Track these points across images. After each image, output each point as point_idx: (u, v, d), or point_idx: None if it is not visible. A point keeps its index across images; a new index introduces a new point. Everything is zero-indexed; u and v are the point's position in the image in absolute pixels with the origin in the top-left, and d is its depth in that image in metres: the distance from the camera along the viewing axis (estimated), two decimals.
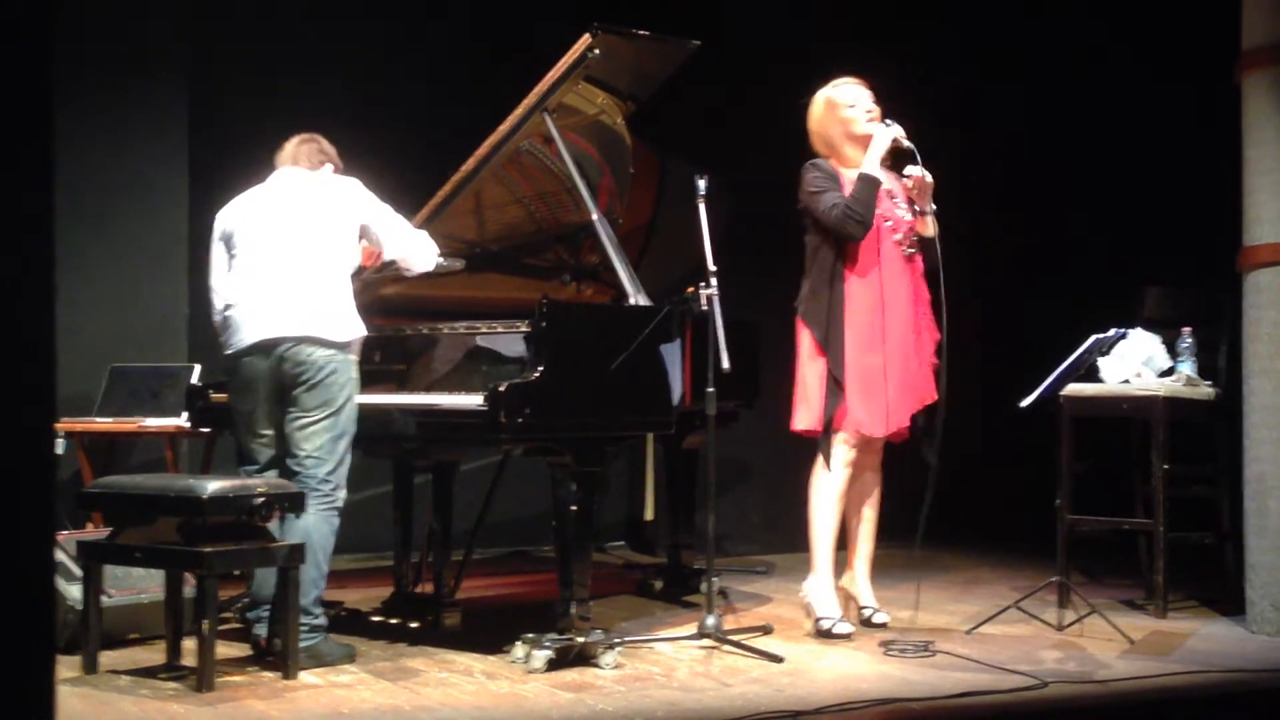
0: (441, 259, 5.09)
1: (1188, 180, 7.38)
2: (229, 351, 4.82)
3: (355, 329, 4.78)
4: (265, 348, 4.72)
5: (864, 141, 5.34)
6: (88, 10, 6.47)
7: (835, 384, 5.21)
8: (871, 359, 5.23)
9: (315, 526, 4.62)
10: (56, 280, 1.52)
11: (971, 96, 8.14)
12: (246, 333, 4.74)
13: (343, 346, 4.72)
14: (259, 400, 4.79)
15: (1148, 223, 7.77)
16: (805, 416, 5.32)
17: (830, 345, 5.22)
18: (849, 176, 5.30)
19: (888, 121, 5.33)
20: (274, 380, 4.73)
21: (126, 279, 6.60)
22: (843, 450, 5.27)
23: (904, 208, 5.37)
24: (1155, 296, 6.35)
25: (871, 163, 5.27)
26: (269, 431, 4.80)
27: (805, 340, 5.31)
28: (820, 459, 5.31)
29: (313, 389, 4.67)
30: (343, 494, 4.78)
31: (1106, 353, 5.71)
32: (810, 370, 5.29)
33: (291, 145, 5.02)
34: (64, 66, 1.53)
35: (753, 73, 7.36)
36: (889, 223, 5.30)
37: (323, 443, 4.70)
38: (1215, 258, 5.81)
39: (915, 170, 5.30)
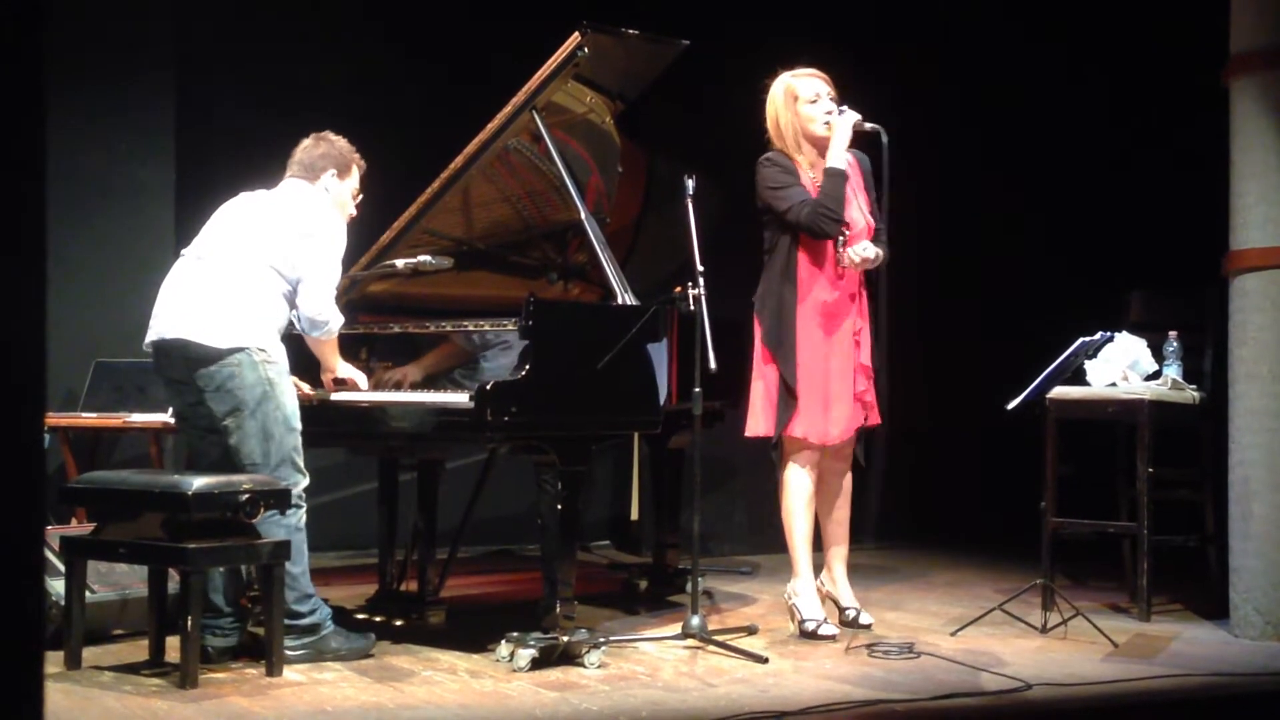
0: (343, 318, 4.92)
1: (1174, 184, 7.40)
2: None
3: (242, 337, 4.62)
4: (159, 349, 4.74)
5: (818, 142, 5.30)
6: (76, 8, 6.45)
7: (787, 390, 5.20)
8: (821, 363, 5.22)
9: (265, 529, 4.57)
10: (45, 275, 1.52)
11: (957, 97, 8.14)
12: (149, 334, 4.76)
13: (232, 351, 4.61)
14: (180, 398, 4.80)
15: (1134, 226, 7.79)
16: (757, 422, 5.31)
17: (782, 350, 5.20)
18: (804, 169, 5.28)
19: (842, 109, 5.27)
20: (182, 382, 4.72)
21: (112, 274, 6.59)
22: (801, 456, 5.26)
23: (851, 207, 5.29)
24: (1141, 300, 6.37)
25: (836, 157, 5.22)
26: (202, 426, 4.78)
27: (758, 340, 5.31)
28: (785, 464, 5.30)
29: (216, 395, 4.63)
30: (296, 488, 4.65)
31: (1093, 356, 5.72)
32: (760, 373, 5.30)
33: (298, 150, 5.02)
34: (51, 63, 1.52)
35: (739, 71, 7.36)
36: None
37: (251, 447, 4.62)
38: (1202, 262, 5.82)
39: (857, 255, 5.19)
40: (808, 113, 5.29)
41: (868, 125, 5.22)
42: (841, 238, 5.23)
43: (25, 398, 1.51)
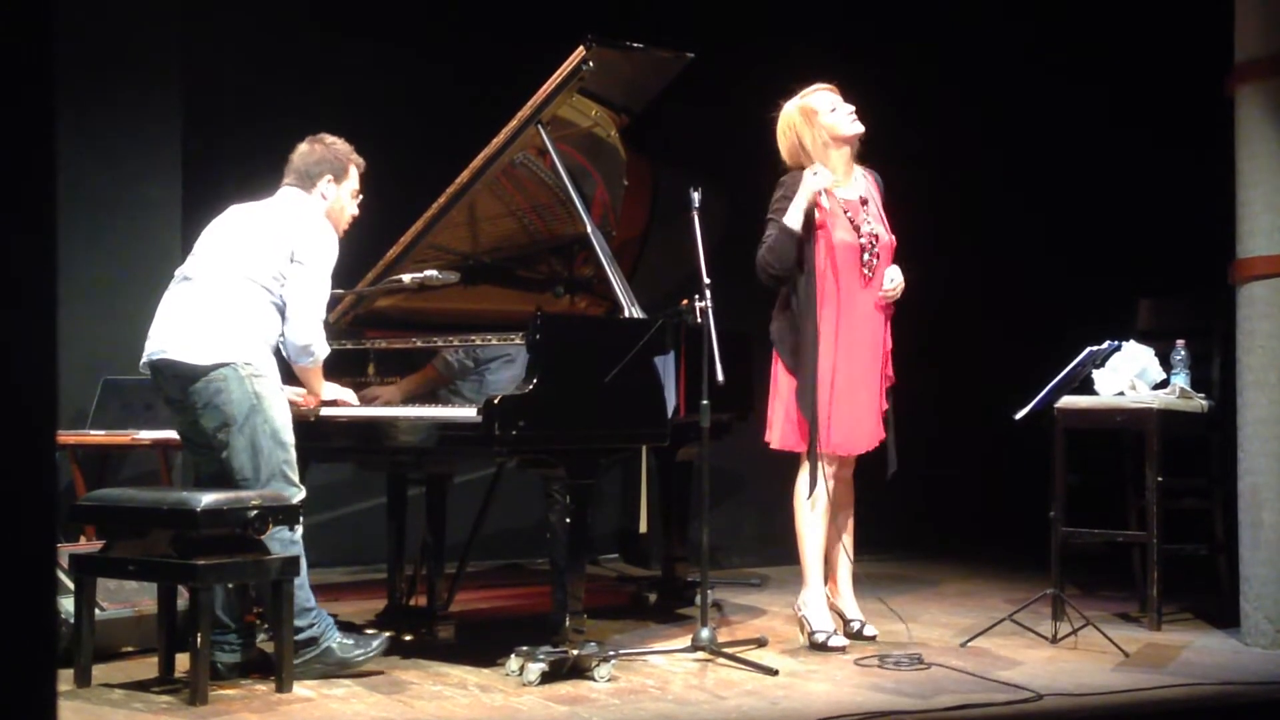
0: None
1: (1181, 192, 7.40)
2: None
3: (227, 352, 4.62)
4: (153, 370, 4.75)
5: (848, 140, 5.34)
6: (82, 23, 6.46)
7: (814, 401, 5.19)
8: (840, 375, 5.21)
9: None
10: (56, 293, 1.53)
11: (961, 104, 8.15)
12: (144, 356, 4.77)
13: (217, 366, 4.60)
14: (180, 417, 4.81)
15: (1141, 235, 7.78)
16: (782, 434, 5.30)
17: (802, 368, 5.19)
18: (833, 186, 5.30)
19: (815, 170, 5.22)
20: (179, 401, 4.73)
21: (119, 292, 6.59)
22: (822, 467, 5.26)
23: (874, 220, 5.35)
24: (1149, 309, 6.36)
25: (794, 214, 5.18)
26: (201, 443, 4.78)
27: (776, 357, 5.32)
28: (801, 475, 5.30)
29: (205, 411, 4.63)
30: (291, 501, 4.64)
31: (1100, 365, 5.71)
32: (786, 388, 5.28)
33: (295, 155, 4.99)
34: (59, 82, 1.53)
35: (744, 83, 7.36)
36: (859, 236, 5.28)
37: (241, 461, 4.62)
38: (1209, 270, 5.81)
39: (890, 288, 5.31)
40: (831, 121, 5.33)
41: (825, 189, 5.24)
42: (874, 257, 5.29)
43: (37, 416, 1.51)
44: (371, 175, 5.15)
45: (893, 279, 5.31)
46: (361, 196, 5.09)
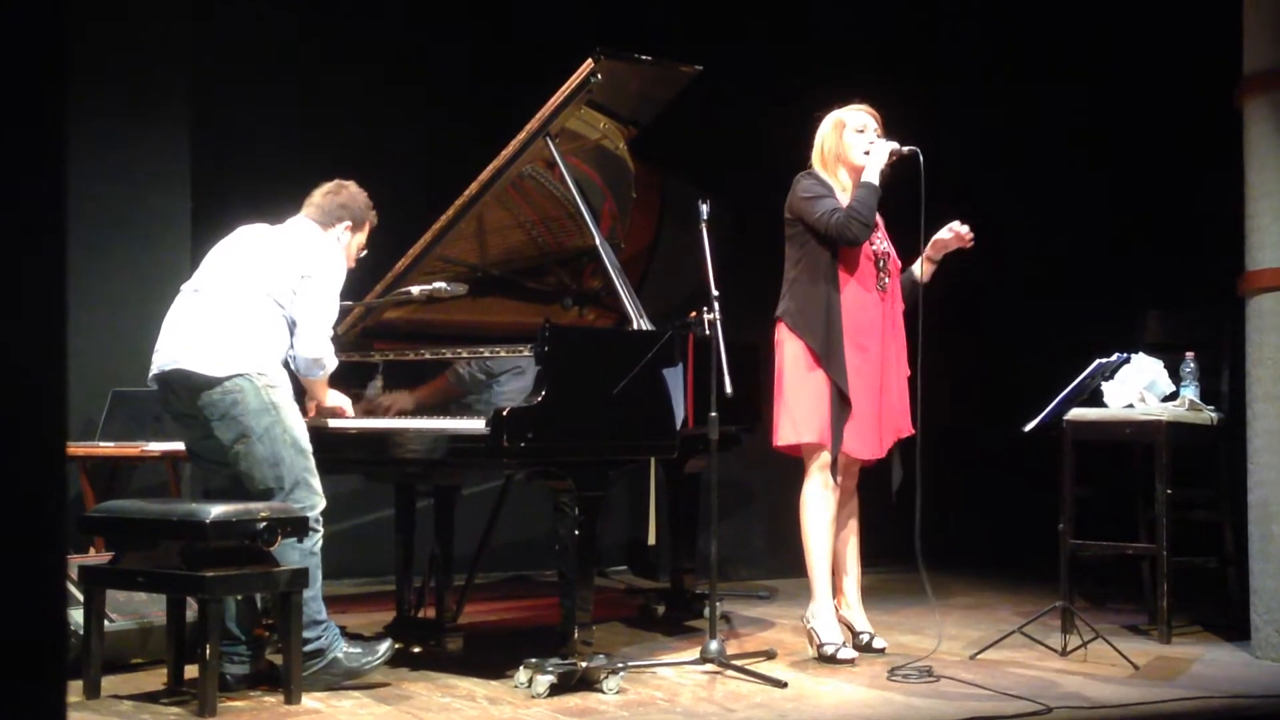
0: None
1: (1190, 204, 7.39)
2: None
3: (241, 363, 4.62)
4: (162, 383, 4.76)
5: (855, 170, 5.34)
6: (90, 35, 6.48)
7: (840, 397, 5.18)
8: (859, 380, 5.22)
9: (282, 554, 4.57)
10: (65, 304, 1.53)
11: (971, 117, 8.14)
12: (152, 368, 4.78)
13: (232, 377, 4.61)
14: (189, 433, 4.82)
15: (1151, 247, 7.78)
16: (790, 431, 5.28)
17: (833, 358, 5.17)
18: (838, 191, 5.29)
19: (877, 145, 5.30)
20: (188, 415, 4.74)
21: (129, 304, 6.59)
22: (824, 476, 5.24)
23: (882, 239, 5.37)
24: (1158, 320, 6.36)
25: (872, 173, 5.26)
26: (213, 459, 4.79)
27: (794, 351, 5.27)
28: (807, 484, 5.28)
29: (222, 422, 4.64)
30: (312, 511, 4.66)
31: (1110, 377, 5.71)
32: (803, 383, 5.25)
33: (316, 193, 5.02)
34: (70, 92, 1.54)
35: (753, 96, 7.38)
36: (871, 245, 5.29)
37: (263, 472, 4.64)
38: (1218, 282, 5.81)
39: (960, 228, 5.39)
40: (850, 140, 5.35)
41: (904, 149, 5.27)
42: (884, 273, 5.31)
43: (47, 428, 1.52)
44: (381, 187, 5.15)
45: (954, 228, 5.40)
46: (365, 252, 5.11)
